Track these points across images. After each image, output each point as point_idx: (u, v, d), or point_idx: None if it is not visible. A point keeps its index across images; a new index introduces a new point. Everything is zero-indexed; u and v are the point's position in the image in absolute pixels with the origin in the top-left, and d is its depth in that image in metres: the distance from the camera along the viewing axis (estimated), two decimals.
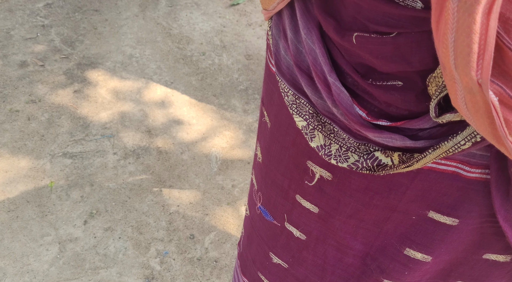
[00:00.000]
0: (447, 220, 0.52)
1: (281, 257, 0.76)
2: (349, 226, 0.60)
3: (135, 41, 2.28)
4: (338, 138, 0.49)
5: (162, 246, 1.51)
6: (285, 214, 0.68)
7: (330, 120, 0.49)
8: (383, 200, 0.53)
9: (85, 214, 1.57)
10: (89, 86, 2.01)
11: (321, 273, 0.71)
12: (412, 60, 0.39)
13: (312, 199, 0.60)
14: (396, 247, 0.58)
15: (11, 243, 1.47)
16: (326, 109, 0.48)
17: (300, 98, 0.50)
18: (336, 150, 0.49)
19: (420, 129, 0.44)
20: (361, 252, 0.63)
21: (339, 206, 0.58)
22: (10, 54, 2.11)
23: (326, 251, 0.66)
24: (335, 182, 0.55)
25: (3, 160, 1.69)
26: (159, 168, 1.73)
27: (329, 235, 0.64)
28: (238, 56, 2.29)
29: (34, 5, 2.41)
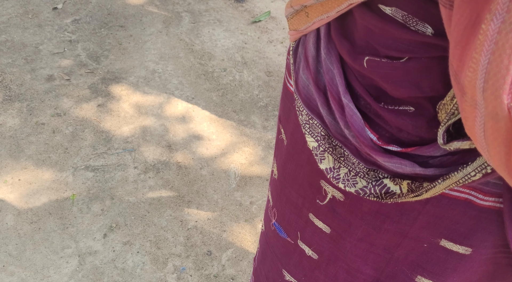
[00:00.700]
0: (460, 249, 0.51)
1: (294, 275, 0.76)
2: (360, 250, 0.59)
3: (158, 57, 2.32)
4: (348, 162, 0.49)
5: (180, 262, 1.52)
6: (298, 232, 0.68)
7: (341, 144, 0.49)
8: (394, 225, 0.52)
9: (105, 227, 1.59)
10: (113, 100, 2.06)
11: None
12: (422, 86, 0.39)
13: (324, 219, 0.60)
14: (408, 274, 0.57)
15: (32, 254, 1.50)
16: (338, 131, 0.49)
17: (313, 119, 0.50)
18: (344, 174, 0.49)
19: (430, 156, 0.43)
20: (371, 277, 0.62)
21: (350, 228, 0.58)
22: (38, 68, 2.18)
23: (337, 273, 0.66)
24: (347, 203, 0.55)
25: (28, 172, 1.73)
26: (178, 183, 1.75)
27: (340, 257, 0.63)
28: (259, 73, 2.31)
29: (63, 21, 2.49)
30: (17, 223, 1.57)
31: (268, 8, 2.82)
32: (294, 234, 0.69)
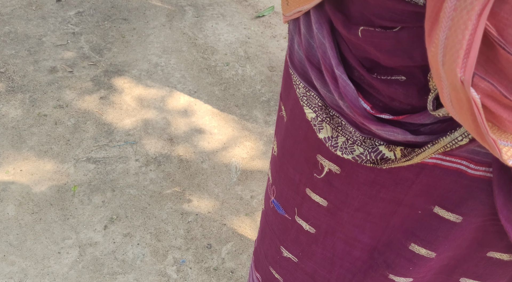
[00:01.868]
0: (451, 217, 0.53)
1: (291, 251, 0.78)
2: (357, 219, 0.61)
3: (161, 50, 2.32)
4: (345, 131, 0.51)
5: (180, 254, 1.52)
6: (295, 207, 0.70)
7: (338, 114, 0.51)
8: (390, 193, 0.54)
9: (106, 219, 1.59)
10: (115, 93, 2.06)
11: (330, 266, 0.72)
12: (414, 55, 0.41)
13: (321, 192, 0.62)
14: (402, 242, 0.59)
15: (33, 244, 1.51)
16: (334, 102, 0.50)
17: (310, 91, 0.52)
18: (342, 142, 0.51)
19: (421, 124, 0.45)
20: (368, 245, 0.64)
21: (347, 199, 0.59)
22: (41, 60, 2.18)
23: (335, 244, 0.68)
24: (343, 176, 0.57)
25: (30, 163, 1.74)
26: (179, 176, 1.75)
27: (337, 229, 0.65)
28: (262, 68, 2.30)
29: (66, 13, 2.49)
30: (18, 214, 1.58)
31: (272, 3, 2.81)
32: (291, 210, 0.71)
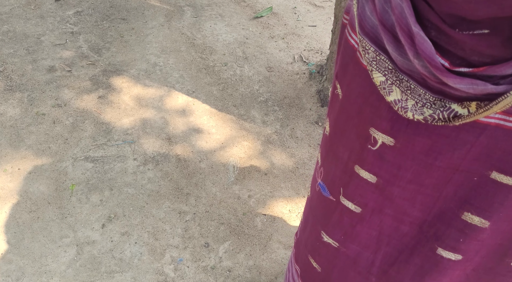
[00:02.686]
0: (510, 181, 0.52)
1: (332, 235, 0.78)
2: (408, 192, 0.61)
3: (160, 50, 2.33)
4: (414, 94, 0.51)
5: (177, 253, 1.53)
6: (341, 187, 0.70)
7: (408, 77, 0.51)
8: (447, 160, 0.54)
9: (104, 217, 1.60)
10: (113, 92, 2.06)
11: (375, 245, 0.72)
12: (504, 4, 0.40)
13: (371, 168, 0.63)
14: (455, 211, 0.58)
15: (31, 243, 1.51)
16: (405, 66, 0.50)
17: (380, 54, 0.53)
18: (412, 105, 0.51)
19: (502, 76, 0.45)
20: (418, 219, 0.63)
21: (399, 172, 0.59)
22: (40, 59, 2.18)
23: (382, 221, 0.68)
24: (397, 147, 0.57)
25: (28, 161, 1.74)
26: (177, 176, 1.75)
27: (386, 205, 0.65)
28: (260, 68, 2.31)
29: (65, 13, 2.49)
30: (16, 212, 1.58)
31: (270, 4, 2.83)
32: (337, 191, 0.71)
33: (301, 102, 2.13)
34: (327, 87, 2.12)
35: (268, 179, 1.79)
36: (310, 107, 2.11)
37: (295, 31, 2.61)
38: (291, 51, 2.45)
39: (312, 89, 2.20)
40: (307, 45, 2.50)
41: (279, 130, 1.99)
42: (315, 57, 2.41)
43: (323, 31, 2.64)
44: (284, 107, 2.10)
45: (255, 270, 1.51)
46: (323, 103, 2.12)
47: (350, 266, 0.79)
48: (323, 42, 2.54)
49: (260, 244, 1.58)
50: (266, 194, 1.73)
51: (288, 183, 1.78)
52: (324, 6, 2.88)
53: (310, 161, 1.87)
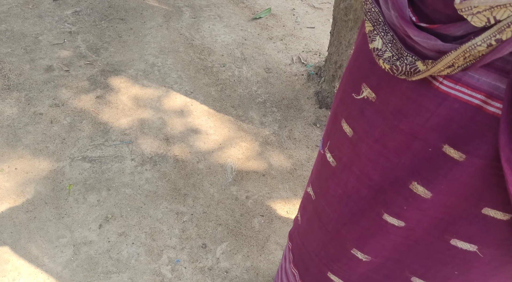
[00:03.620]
0: (456, 155, 0.56)
1: (314, 187, 0.86)
2: (373, 152, 0.67)
3: (158, 50, 2.33)
4: (393, 48, 0.57)
5: (174, 254, 1.52)
6: (329, 140, 0.78)
7: (392, 31, 0.58)
8: (409, 124, 0.59)
9: (101, 218, 1.59)
10: (111, 92, 2.06)
11: (337, 204, 0.79)
12: None
13: (352, 121, 0.69)
14: (405, 180, 0.64)
15: (27, 243, 1.50)
16: (390, 19, 0.57)
17: (376, 7, 0.60)
18: (388, 56, 0.58)
19: (454, 37, 0.50)
20: (376, 184, 0.69)
21: (370, 129, 0.65)
22: (37, 58, 2.17)
23: (348, 179, 0.74)
24: (376, 104, 0.64)
25: (25, 161, 1.73)
26: (175, 176, 1.75)
27: (355, 162, 0.71)
28: (258, 69, 2.31)
29: (63, 12, 2.49)
30: (13, 212, 1.57)
31: (269, 5, 2.83)
32: (325, 143, 0.80)
33: (299, 104, 2.13)
34: (325, 89, 2.12)
35: (266, 180, 1.78)
36: (308, 108, 2.11)
37: (293, 33, 2.61)
38: (289, 53, 2.45)
39: (310, 91, 2.20)
40: (306, 47, 2.51)
41: (277, 131, 1.99)
42: (314, 59, 2.41)
43: (321, 32, 2.65)
44: (282, 108, 2.10)
45: (253, 271, 1.50)
46: (321, 105, 2.12)
47: (316, 219, 0.87)
48: (321, 44, 2.54)
49: (257, 245, 1.57)
50: (264, 195, 1.73)
51: (286, 184, 1.78)
52: (323, 8, 2.89)
53: (308, 163, 1.87)
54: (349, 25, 1.76)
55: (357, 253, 0.79)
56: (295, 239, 1.00)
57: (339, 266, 0.85)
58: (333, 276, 0.89)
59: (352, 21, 1.73)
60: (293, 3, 2.89)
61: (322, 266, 0.90)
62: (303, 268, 0.97)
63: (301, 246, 0.96)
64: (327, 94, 2.11)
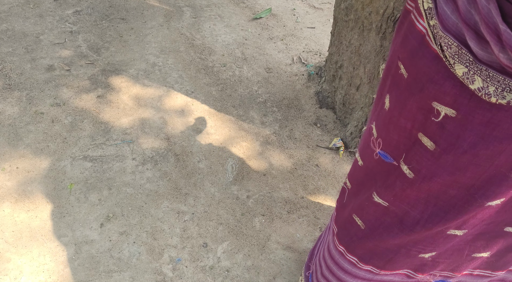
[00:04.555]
0: None
1: (382, 196, 0.87)
2: (462, 163, 0.68)
3: (159, 50, 2.33)
4: (494, 81, 0.59)
5: (175, 253, 1.53)
6: (404, 152, 0.79)
7: (487, 66, 0.59)
8: (504, 131, 0.61)
9: (102, 217, 1.60)
10: (112, 92, 2.06)
11: (423, 206, 0.80)
12: None
13: (432, 135, 0.71)
14: (505, 174, 0.66)
15: (29, 242, 1.51)
16: (485, 58, 0.59)
17: (462, 49, 0.61)
18: (493, 91, 0.59)
19: None
20: (466, 185, 0.71)
21: (457, 141, 0.67)
22: (38, 58, 2.18)
23: (431, 187, 0.76)
24: (458, 119, 0.65)
25: (26, 160, 1.74)
26: (176, 176, 1.76)
27: (437, 173, 0.73)
28: (259, 69, 2.32)
29: (64, 12, 2.49)
30: (14, 211, 1.58)
31: (269, 5, 2.84)
32: (399, 156, 0.80)
33: (299, 103, 2.14)
34: (325, 89, 2.13)
35: (267, 179, 1.79)
36: (309, 108, 2.12)
37: (294, 33, 2.62)
38: (290, 53, 2.46)
39: (310, 91, 2.20)
40: (306, 47, 2.51)
41: (278, 131, 2.00)
42: (314, 59, 2.42)
43: (321, 33, 2.65)
44: (283, 108, 2.11)
45: (254, 270, 1.51)
46: (322, 105, 2.13)
47: (396, 223, 0.88)
48: (321, 44, 2.55)
49: (258, 244, 1.58)
50: (264, 195, 1.73)
51: (287, 184, 1.78)
52: (323, 8, 2.89)
53: (309, 162, 1.87)
54: (350, 25, 1.77)
55: (455, 232, 0.83)
56: (360, 243, 1.00)
57: (433, 247, 0.89)
58: (427, 254, 0.92)
59: (352, 21, 1.73)
60: (294, 3, 2.90)
61: (412, 252, 0.92)
62: (383, 262, 0.99)
63: (373, 247, 0.97)
64: (328, 94, 2.11)
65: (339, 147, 1.94)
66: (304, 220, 1.67)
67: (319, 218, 1.68)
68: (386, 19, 1.50)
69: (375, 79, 1.69)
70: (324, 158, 1.91)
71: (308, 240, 1.61)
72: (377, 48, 1.61)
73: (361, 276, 1.06)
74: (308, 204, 1.72)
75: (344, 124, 2.03)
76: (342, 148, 1.93)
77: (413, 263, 0.98)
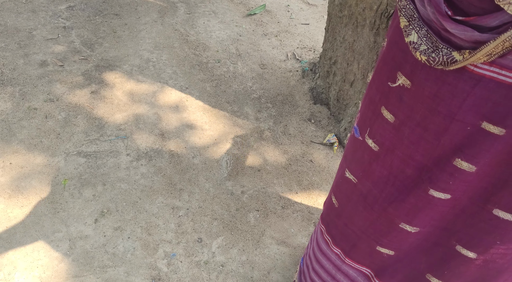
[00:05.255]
0: (496, 130, 0.61)
1: (353, 172, 0.91)
2: (415, 135, 0.72)
3: (153, 46, 2.32)
4: (428, 41, 0.62)
5: (170, 248, 1.53)
6: (369, 127, 0.82)
7: (427, 26, 0.62)
8: (446, 106, 0.64)
9: (96, 212, 1.60)
10: (106, 87, 2.06)
11: (383, 185, 0.84)
12: None
13: (392, 108, 0.74)
14: (448, 158, 0.69)
15: (22, 237, 1.50)
16: (425, 15, 0.62)
17: (410, 3, 0.65)
18: (423, 49, 0.62)
19: (489, 28, 0.54)
20: (420, 163, 0.74)
21: (411, 113, 0.70)
22: (31, 53, 2.16)
23: (392, 162, 0.79)
24: (412, 90, 0.69)
25: (19, 156, 1.73)
26: (171, 171, 1.76)
27: (397, 145, 0.76)
28: (253, 65, 2.32)
29: (57, 7, 2.47)
30: (8, 207, 1.57)
31: (264, 1, 2.84)
32: (365, 130, 0.84)
33: (294, 99, 2.15)
34: (319, 85, 2.14)
35: (261, 175, 1.80)
36: (303, 104, 2.13)
37: (288, 29, 2.62)
38: (284, 49, 2.46)
39: (305, 87, 2.21)
40: (300, 43, 2.52)
41: (272, 126, 2.00)
42: (308, 55, 2.43)
43: (316, 29, 2.66)
44: (277, 104, 2.11)
45: (248, 265, 1.52)
46: (316, 101, 2.14)
47: (361, 201, 0.91)
48: (315, 40, 2.55)
49: (253, 239, 1.59)
50: (259, 190, 1.74)
51: (281, 179, 1.79)
52: (317, 5, 2.90)
53: (303, 158, 1.88)
54: (344, 21, 1.77)
55: (406, 227, 0.84)
56: (334, 222, 1.04)
57: (389, 240, 0.91)
58: (383, 249, 0.94)
59: (346, 17, 1.74)
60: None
61: (371, 241, 0.95)
62: (349, 246, 1.02)
63: (343, 227, 1.01)
64: (322, 90, 2.12)
65: (333, 142, 1.95)
66: (298, 215, 1.68)
67: (313, 213, 1.69)
68: (380, 15, 1.51)
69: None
70: (318, 153, 1.92)
71: (302, 235, 1.62)
72: (371, 44, 1.62)
73: (332, 259, 1.11)
74: (303, 200, 1.73)
75: (338, 120, 2.04)
76: (336, 144, 1.94)
77: (373, 261, 1.00)
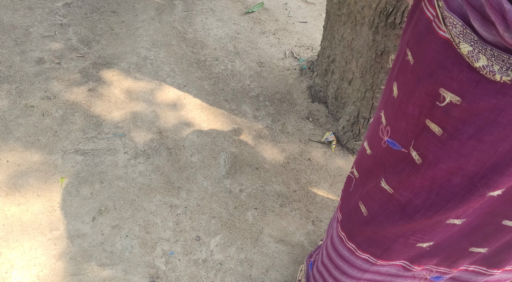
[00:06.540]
0: None
1: (389, 182, 0.89)
2: (467, 148, 0.70)
3: (150, 44, 2.31)
4: (499, 60, 0.60)
5: (168, 246, 1.53)
6: (413, 139, 0.80)
7: (491, 46, 0.61)
8: (508, 117, 0.63)
9: (94, 211, 1.59)
10: (104, 85, 2.05)
11: (426, 194, 0.82)
12: None
13: (439, 121, 0.72)
14: (508, 162, 0.68)
15: (20, 235, 1.49)
16: (489, 38, 0.60)
17: (467, 28, 0.63)
18: (498, 69, 0.61)
19: None
20: (470, 172, 0.73)
21: (463, 126, 0.68)
22: (28, 50, 2.15)
23: (436, 174, 0.77)
24: (463, 106, 0.67)
25: (16, 154, 1.72)
26: (169, 169, 1.75)
27: (442, 159, 0.74)
28: (251, 63, 2.31)
29: (54, 4, 2.46)
30: (5, 205, 1.56)
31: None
32: (408, 142, 0.82)
33: (292, 98, 2.14)
34: (317, 83, 2.14)
35: (259, 173, 1.79)
36: (301, 102, 2.13)
37: (286, 27, 2.62)
38: (282, 47, 2.46)
39: (303, 85, 2.21)
40: (298, 41, 2.52)
41: (270, 125, 2.00)
42: (306, 53, 2.42)
43: (314, 27, 2.66)
44: (275, 102, 2.11)
45: (246, 263, 1.52)
46: (314, 99, 2.14)
47: (397, 211, 0.89)
48: (313, 39, 2.55)
49: (251, 237, 1.59)
50: (257, 188, 1.74)
51: (279, 178, 1.79)
52: (315, 3, 2.89)
53: (301, 156, 1.88)
54: (342, 19, 1.77)
55: (454, 221, 0.84)
56: (359, 229, 1.02)
57: (432, 235, 0.90)
58: (425, 244, 0.94)
59: (345, 15, 1.74)
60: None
61: (410, 241, 0.94)
62: (381, 250, 1.01)
63: (372, 234, 0.99)
64: (320, 88, 2.12)
65: (331, 141, 1.95)
66: (296, 214, 1.68)
67: (311, 212, 1.69)
68: (379, 13, 1.51)
69: (367, 73, 1.70)
70: (316, 152, 1.92)
71: (300, 233, 1.62)
72: (370, 43, 1.62)
73: (357, 265, 1.07)
74: (301, 198, 1.73)
75: (336, 118, 2.04)
76: (334, 142, 1.94)
77: (410, 254, 0.99)
